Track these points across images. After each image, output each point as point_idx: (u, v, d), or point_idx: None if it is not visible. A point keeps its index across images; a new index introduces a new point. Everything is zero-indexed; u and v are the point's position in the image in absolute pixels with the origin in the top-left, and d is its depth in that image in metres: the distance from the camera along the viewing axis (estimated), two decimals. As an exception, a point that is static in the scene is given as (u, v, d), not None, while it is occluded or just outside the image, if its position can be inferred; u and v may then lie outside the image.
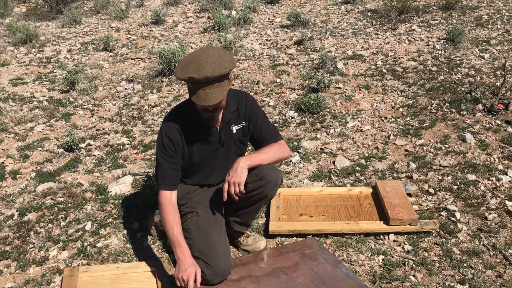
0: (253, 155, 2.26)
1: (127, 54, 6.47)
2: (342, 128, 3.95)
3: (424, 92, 4.45)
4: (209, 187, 2.47)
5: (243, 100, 2.40)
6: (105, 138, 4.12)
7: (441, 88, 4.46)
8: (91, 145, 3.99)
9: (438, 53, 5.37)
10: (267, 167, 2.26)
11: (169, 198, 2.24)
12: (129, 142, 4.01)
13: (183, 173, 2.36)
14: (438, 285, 2.21)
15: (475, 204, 2.82)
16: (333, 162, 3.43)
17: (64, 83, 5.26)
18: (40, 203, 3.10)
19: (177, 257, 2.10)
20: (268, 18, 7.72)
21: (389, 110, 4.23)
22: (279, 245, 2.57)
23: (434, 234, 2.57)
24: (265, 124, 2.42)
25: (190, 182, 2.45)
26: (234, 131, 2.37)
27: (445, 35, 5.76)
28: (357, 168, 3.35)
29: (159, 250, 2.58)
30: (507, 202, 2.80)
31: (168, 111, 2.83)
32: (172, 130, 2.25)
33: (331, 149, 3.62)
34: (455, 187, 3.01)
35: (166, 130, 2.26)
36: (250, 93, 4.79)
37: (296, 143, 3.76)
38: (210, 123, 2.26)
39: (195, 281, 2.03)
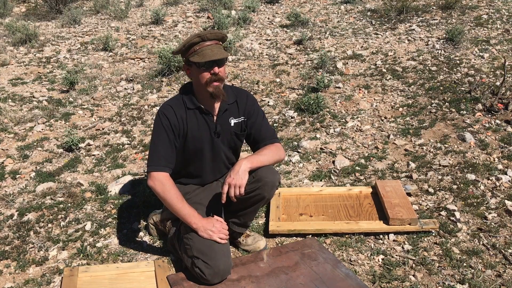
0: (254, 157, 2.26)
1: (126, 54, 6.46)
2: (341, 128, 3.95)
3: (423, 92, 4.45)
4: (203, 185, 2.47)
5: (244, 96, 2.42)
6: (105, 138, 4.12)
7: (441, 88, 4.47)
8: (91, 145, 3.99)
9: (438, 52, 5.37)
10: (265, 168, 2.25)
11: (169, 177, 2.24)
12: (129, 142, 4.01)
13: (178, 166, 2.36)
14: (438, 285, 2.21)
15: (475, 204, 2.82)
16: (333, 162, 3.43)
17: (64, 83, 5.26)
18: (39, 203, 3.10)
19: (196, 227, 2.17)
20: (268, 18, 7.72)
21: (388, 110, 4.23)
22: (279, 245, 2.57)
23: (433, 234, 2.57)
24: (264, 125, 2.43)
25: (185, 176, 2.45)
26: (232, 124, 2.38)
27: (444, 35, 5.76)
28: (356, 167, 3.35)
29: (159, 250, 2.58)
30: (506, 201, 2.80)
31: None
32: (170, 112, 2.28)
33: (331, 149, 3.62)
34: (454, 186, 3.01)
35: (165, 111, 2.28)
36: (250, 93, 4.79)
37: (295, 143, 3.76)
38: (215, 98, 2.25)
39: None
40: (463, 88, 4.38)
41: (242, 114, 2.40)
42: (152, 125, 4.28)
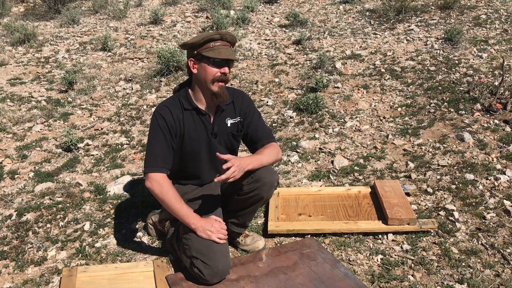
0: (254, 158, 2.26)
1: (125, 54, 6.46)
2: (340, 128, 3.95)
3: (422, 92, 4.45)
4: (202, 186, 2.47)
5: (240, 96, 2.43)
6: (104, 138, 4.12)
7: (440, 88, 4.47)
8: (90, 145, 3.99)
9: (437, 52, 5.37)
10: (264, 169, 2.25)
11: (167, 178, 2.23)
12: (128, 142, 4.01)
13: (175, 167, 2.35)
14: (436, 285, 2.21)
15: (474, 204, 2.82)
16: (332, 162, 3.44)
17: (63, 83, 5.25)
18: (38, 203, 3.10)
19: (195, 227, 2.17)
20: (267, 18, 7.72)
21: (387, 110, 4.23)
22: (278, 244, 2.57)
23: (432, 234, 2.57)
24: (260, 125, 2.43)
25: (183, 177, 2.45)
26: (229, 125, 2.38)
27: (443, 35, 5.77)
28: (355, 167, 3.35)
29: (158, 250, 2.58)
30: (505, 201, 2.81)
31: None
32: (166, 112, 2.27)
33: (330, 149, 3.62)
34: (453, 186, 3.02)
35: (161, 112, 2.28)
36: (249, 93, 4.79)
37: (294, 143, 3.76)
38: (217, 98, 2.25)
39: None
40: (461, 88, 4.38)
41: (238, 114, 2.40)
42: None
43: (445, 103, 4.16)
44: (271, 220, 2.69)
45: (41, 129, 4.30)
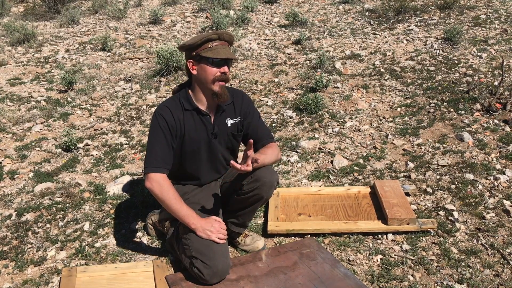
0: (259, 157, 2.26)
1: (125, 54, 6.46)
2: (340, 128, 3.96)
3: (422, 92, 4.45)
4: (201, 186, 2.47)
5: (239, 96, 2.43)
6: (103, 138, 4.12)
7: (439, 88, 4.47)
8: (89, 145, 3.98)
9: (436, 52, 5.37)
10: (264, 169, 2.25)
11: (167, 178, 2.23)
12: (127, 142, 4.00)
13: (175, 167, 2.35)
14: (436, 285, 2.21)
15: (473, 204, 2.82)
16: (331, 162, 3.44)
17: (62, 83, 5.25)
18: (38, 203, 3.10)
19: (195, 227, 2.17)
20: (266, 18, 7.72)
21: (387, 110, 4.23)
22: (278, 244, 2.57)
23: (432, 234, 2.57)
24: (261, 125, 2.44)
25: (183, 177, 2.45)
26: (229, 125, 2.38)
27: (443, 35, 5.77)
28: (355, 167, 3.35)
29: (158, 250, 2.58)
30: (505, 201, 2.81)
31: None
32: (167, 113, 2.27)
33: (329, 149, 3.62)
34: (453, 186, 3.02)
35: (162, 112, 2.28)
36: (248, 93, 4.79)
37: (294, 143, 3.76)
38: (218, 98, 2.25)
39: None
40: (461, 88, 4.38)
41: (238, 114, 2.40)
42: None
43: (444, 103, 4.16)
44: (270, 220, 2.69)
45: (40, 129, 4.30)
